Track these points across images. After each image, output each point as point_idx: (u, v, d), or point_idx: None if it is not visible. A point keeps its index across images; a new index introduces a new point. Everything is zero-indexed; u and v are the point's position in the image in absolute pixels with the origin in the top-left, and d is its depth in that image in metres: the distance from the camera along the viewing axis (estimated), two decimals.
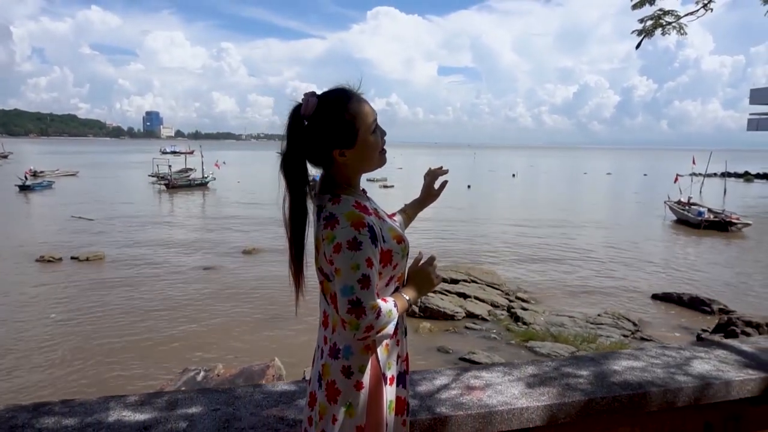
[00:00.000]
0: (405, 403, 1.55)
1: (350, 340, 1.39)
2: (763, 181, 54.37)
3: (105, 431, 1.73)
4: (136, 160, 76.32)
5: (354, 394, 1.40)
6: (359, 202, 1.43)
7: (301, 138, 1.40)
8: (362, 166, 1.46)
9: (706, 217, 22.39)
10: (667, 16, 4.81)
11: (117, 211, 25.61)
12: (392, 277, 1.46)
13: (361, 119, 1.38)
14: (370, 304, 1.31)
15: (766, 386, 2.28)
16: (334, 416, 1.40)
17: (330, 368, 1.43)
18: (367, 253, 1.31)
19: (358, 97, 1.41)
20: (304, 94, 1.40)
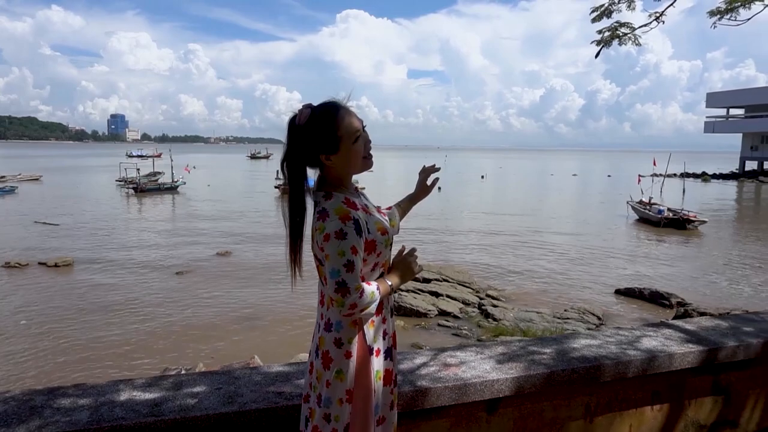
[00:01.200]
0: (392, 375, 1.78)
1: (339, 315, 1.62)
2: (720, 181, 56.66)
3: (119, 409, 1.90)
4: (102, 164, 74.49)
5: (344, 362, 1.63)
6: (348, 198, 1.66)
7: (296, 143, 1.64)
8: (347, 170, 1.68)
9: (665, 216, 23.34)
10: (623, 28, 5.19)
11: (84, 216, 25.10)
12: (377, 263, 1.69)
13: (344, 129, 1.60)
14: (354, 285, 1.54)
15: (704, 358, 2.59)
16: (327, 381, 1.64)
17: (325, 340, 1.66)
18: (351, 242, 1.54)
19: (345, 109, 1.63)
20: (302, 105, 1.65)
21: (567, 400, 2.41)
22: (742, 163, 59.82)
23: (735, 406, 2.77)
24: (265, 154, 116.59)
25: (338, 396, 1.63)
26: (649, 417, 2.59)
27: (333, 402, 1.63)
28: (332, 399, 1.64)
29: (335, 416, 1.63)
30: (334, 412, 1.63)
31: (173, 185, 36.57)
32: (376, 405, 1.67)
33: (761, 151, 56.24)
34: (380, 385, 1.70)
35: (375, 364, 1.68)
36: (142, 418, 1.85)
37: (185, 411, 1.90)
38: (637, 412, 2.56)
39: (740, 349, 2.66)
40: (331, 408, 1.63)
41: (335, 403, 1.63)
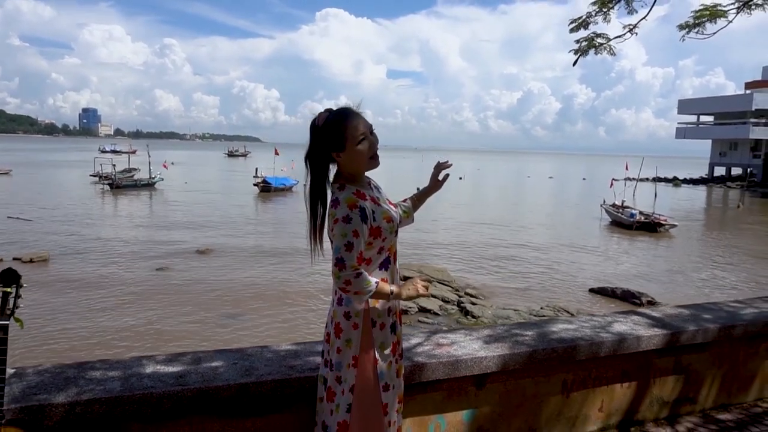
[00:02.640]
0: (397, 347, 2.02)
1: (354, 296, 1.86)
2: (690, 185, 58.37)
3: (147, 379, 2.10)
4: (74, 159, 72.90)
5: (352, 332, 1.90)
6: (359, 190, 1.90)
7: (314, 141, 1.90)
8: (355, 166, 1.90)
9: (637, 219, 24.07)
10: (599, 39, 5.53)
11: (58, 211, 24.67)
12: (382, 247, 1.92)
13: (350, 131, 1.84)
14: (350, 264, 1.78)
15: (667, 341, 2.90)
16: (338, 348, 1.92)
17: (337, 313, 1.94)
18: (354, 226, 1.79)
19: (353, 114, 1.88)
20: (324, 109, 1.92)
21: (546, 376, 2.68)
22: (711, 168, 61.68)
23: (694, 384, 3.08)
24: (243, 152, 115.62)
25: (347, 361, 1.89)
26: (618, 393, 2.88)
27: (343, 366, 1.90)
28: (342, 364, 1.90)
29: (344, 378, 1.90)
30: (344, 375, 1.90)
31: (151, 181, 36.09)
32: (381, 372, 1.92)
33: (729, 158, 58.08)
34: (385, 354, 1.94)
35: (379, 336, 1.93)
36: (169, 387, 2.05)
37: (207, 381, 2.11)
38: (609, 389, 2.85)
39: (699, 333, 2.97)
40: (342, 371, 1.91)
41: (345, 367, 1.90)
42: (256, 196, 33.42)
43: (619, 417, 2.91)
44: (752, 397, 3.28)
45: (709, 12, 5.18)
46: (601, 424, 2.85)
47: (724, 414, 3.10)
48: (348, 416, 1.89)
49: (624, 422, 2.91)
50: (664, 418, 3.01)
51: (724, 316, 3.21)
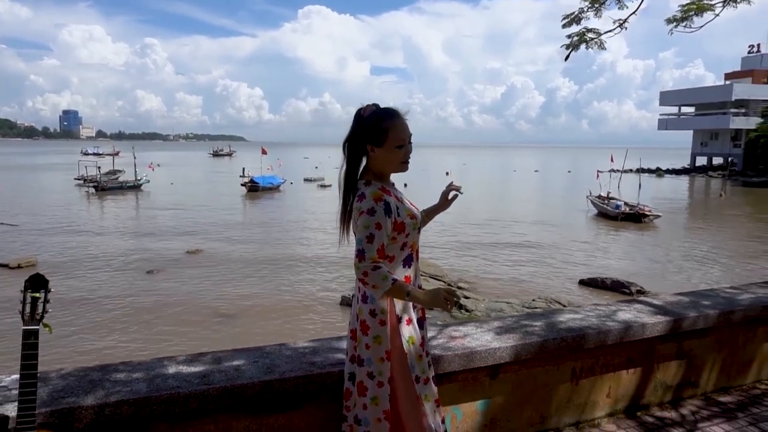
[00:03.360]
0: (423, 340, 2.06)
1: (371, 289, 1.88)
2: (673, 176, 59.23)
3: (171, 380, 2.13)
4: (56, 162, 71.80)
5: (379, 328, 1.93)
6: (384, 187, 1.95)
7: (355, 129, 1.95)
8: (386, 165, 1.96)
9: (622, 210, 24.40)
10: (590, 33, 5.62)
11: (44, 215, 24.33)
12: (405, 243, 1.95)
13: (393, 132, 1.90)
14: (369, 255, 1.82)
15: (670, 327, 2.99)
16: (367, 344, 1.95)
17: (362, 310, 1.96)
18: (377, 219, 1.83)
19: (400, 118, 1.93)
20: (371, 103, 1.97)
21: (556, 365, 2.76)
22: (693, 158, 62.65)
23: (696, 368, 3.18)
24: (228, 152, 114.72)
25: (378, 356, 1.93)
26: (625, 379, 2.97)
27: (374, 361, 1.93)
28: (373, 359, 1.93)
29: (378, 372, 1.93)
30: (376, 369, 1.93)
31: (137, 183, 35.72)
32: (412, 365, 1.96)
33: (710, 147, 59.04)
34: (414, 348, 1.98)
35: (405, 331, 1.97)
36: (195, 387, 2.08)
37: (232, 380, 2.14)
38: (615, 375, 2.94)
39: (700, 318, 3.07)
40: (373, 366, 1.94)
41: (376, 362, 1.93)
42: (244, 197, 33.25)
43: (626, 402, 2.99)
44: (751, 379, 3.39)
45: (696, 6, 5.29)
46: (608, 410, 2.94)
47: (724, 396, 3.21)
48: (388, 406, 1.93)
49: (630, 407, 3.00)
50: (668, 402, 3.11)
51: (723, 302, 3.32)
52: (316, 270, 14.88)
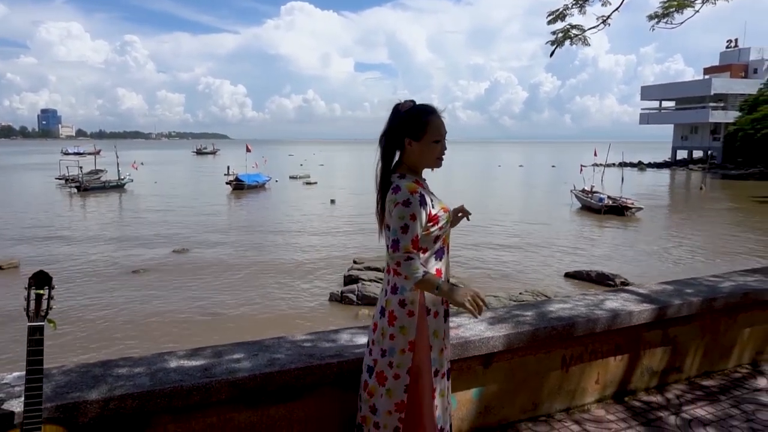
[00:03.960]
0: (445, 333, 2.06)
1: (403, 280, 1.90)
2: (654, 169, 60.12)
3: (174, 374, 2.16)
4: (36, 162, 70.59)
5: (407, 319, 1.94)
6: (418, 181, 1.98)
7: (392, 124, 1.97)
8: (421, 159, 1.98)
9: (605, 204, 24.75)
10: (574, 30, 5.72)
11: (25, 215, 23.96)
12: (438, 236, 1.97)
13: (431, 127, 1.94)
14: (403, 245, 1.84)
15: (656, 315, 3.09)
16: (391, 335, 1.96)
17: (390, 301, 1.97)
18: (412, 210, 1.86)
19: (437, 114, 1.97)
20: (408, 99, 2.01)
21: (547, 353, 2.84)
22: (674, 152, 63.65)
23: (680, 354, 3.29)
24: (212, 150, 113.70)
25: (401, 347, 1.94)
26: (612, 366, 3.07)
27: (396, 352, 1.95)
28: (395, 349, 1.95)
29: (398, 363, 1.95)
30: (397, 360, 1.95)
31: (120, 183, 35.27)
32: (433, 358, 2.00)
33: (690, 141, 60.04)
34: (437, 342, 2.01)
35: (432, 323, 1.98)
36: (197, 380, 2.12)
37: (233, 373, 2.18)
38: (604, 362, 3.03)
39: (684, 306, 3.17)
40: (395, 357, 1.95)
41: (398, 353, 1.95)
42: (230, 195, 33.05)
43: (614, 388, 3.09)
44: (732, 363, 3.51)
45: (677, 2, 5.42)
46: (597, 396, 3.03)
47: (707, 380, 3.33)
48: (405, 396, 1.95)
49: (618, 393, 3.10)
50: (654, 387, 3.21)
51: (705, 290, 3.43)
52: (305, 267, 14.88)
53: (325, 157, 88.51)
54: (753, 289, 3.47)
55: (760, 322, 3.56)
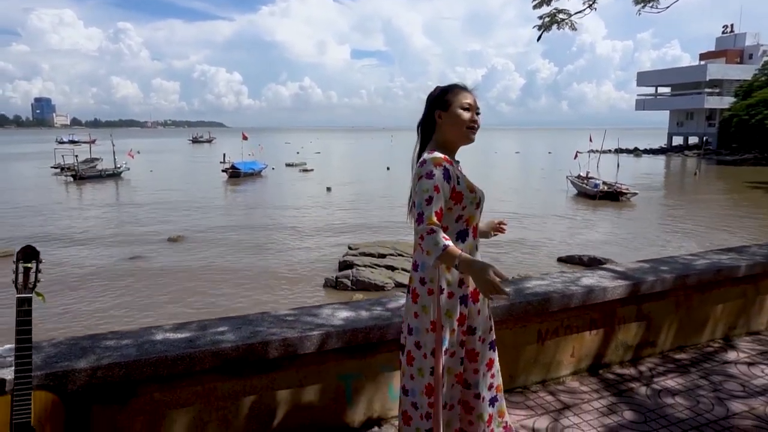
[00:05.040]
0: (464, 318, 1.99)
1: (424, 257, 1.85)
2: (650, 155, 60.21)
3: (159, 345, 2.26)
4: (30, 151, 70.22)
5: (427, 298, 1.94)
6: (447, 158, 1.95)
7: (426, 106, 2.04)
8: (452, 131, 1.98)
9: (600, 189, 24.87)
10: (560, 14, 5.77)
11: (21, 205, 23.93)
12: (461, 216, 1.96)
13: (459, 95, 1.98)
14: (427, 216, 1.81)
15: (630, 290, 3.20)
16: (415, 313, 1.97)
17: (413, 278, 1.99)
18: (436, 182, 1.85)
19: (462, 87, 2.02)
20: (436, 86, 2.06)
21: (524, 327, 2.95)
22: (670, 138, 63.67)
23: (654, 329, 3.40)
24: (208, 138, 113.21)
25: (425, 326, 1.94)
26: (587, 340, 3.17)
27: (421, 331, 1.95)
28: (420, 329, 1.95)
29: (424, 343, 1.95)
30: (422, 339, 1.95)
31: (116, 171, 35.20)
32: (444, 337, 1.94)
33: (686, 127, 60.04)
34: (450, 322, 1.95)
35: (446, 303, 1.94)
36: (181, 350, 2.21)
37: (217, 344, 2.28)
38: (579, 336, 3.14)
39: (657, 282, 3.28)
40: (420, 336, 1.96)
41: (423, 332, 1.95)
42: (225, 182, 33.04)
43: (589, 361, 3.20)
44: (705, 338, 3.63)
45: None
46: (572, 368, 3.14)
47: (680, 354, 3.44)
48: (432, 379, 1.95)
49: (593, 366, 3.21)
50: (628, 360, 3.33)
51: (680, 267, 3.54)
52: (299, 252, 14.98)
53: (322, 145, 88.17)
54: (725, 266, 3.57)
55: (732, 297, 3.67)
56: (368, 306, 2.79)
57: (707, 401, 2.85)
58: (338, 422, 2.57)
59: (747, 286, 3.73)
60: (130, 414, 2.17)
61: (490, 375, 2.09)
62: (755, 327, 3.84)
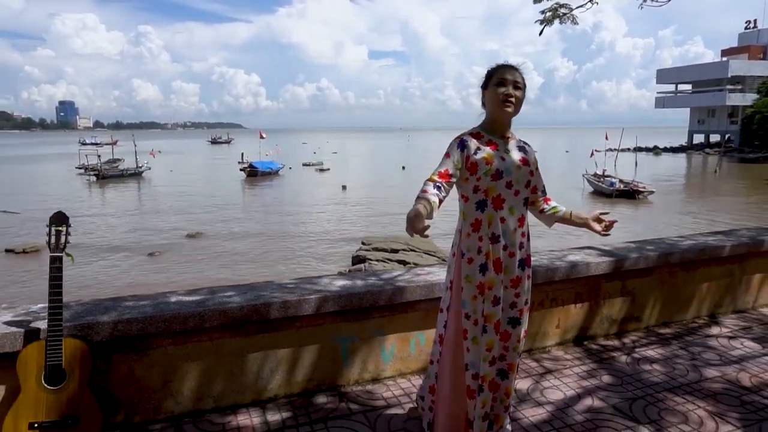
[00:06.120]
0: (484, 288, 2.09)
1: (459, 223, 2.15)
2: (670, 154, 59.38)
3: (173, 305, 2.52)
4: (56, 153, 72.03)
5: (451, 259, 2.19)
6: (479, 133, 2.14)
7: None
8: (491, 108, 2.13)
9: (617, 187, 24.75)
10: (562, 9, 5.93)
11: (47, 203, 24.69)
12: (477, 186, 2.08)
13: (497, 72, 2.11)
14: (433, 172, 2.03)
15: (614, 267, 3.38)
16: (450, 266, 2.22)
17: (453, 242, 2.22)
18: (449, 150, 2.09)
19: (507, 65, 2.13)
20: None
21: None
22: (691, 136, 62.69)
23: (639, 305, 3.58)
24: (227, 139, 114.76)
25: (446, 284, 2.22)
26: (573, 313, 3.37)
27: (443, 289, 2.26)
28: (444, 286, 2.26)
29: (443, 299, 2.23)
30: (443, 295, 2.24)
31: (138, 171, 36.06)
32: (464, 301, 2.10)
33: (707, 125, 59.08)
34: (470, 286, 2.09)
35: (466, 268, 2.10)
36: (192, 309, 2.47)
37: (224, 304, 2.54)
38: (564, 309, 3.33)
39: (641, 259, 3.45)
40: (442, 293, 2.27)
41: (444, 290, 2.24)
42: (243, 181, 33.59)
43: (575, 333, 3.39)
44: (690, 315, 3.79)
45: None
46: (558, 339, 3.34)
47: (664, 329, 3.61)
48: (444, 331, 2.19)
49: (579, 338, 3.40)
50: (613, 333, 3.51)
51: (665, 247, 3.70)
52: (314, 248, 15.29)
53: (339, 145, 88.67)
54: (709, 246, 3.73)
55: (718, 276, 3.82)
56: (364, 276, 3.02)
57: (683, 368, 3.03)
58: (335, 381, 2.81)
59: (733, 266, 3.87)
60: (147, 364, 2.43)
61: (503, 348, 2.19)
62: (742, 305, 3.98)
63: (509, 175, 2.09)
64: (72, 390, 2.15)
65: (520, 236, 2.15)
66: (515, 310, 2.18)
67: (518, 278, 2.15)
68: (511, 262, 2.12)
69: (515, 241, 2.13)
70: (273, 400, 2.67)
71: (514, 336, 2.20)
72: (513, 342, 2.21)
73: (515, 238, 2.12)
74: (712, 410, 2.57)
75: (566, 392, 2.75)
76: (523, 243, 2.18)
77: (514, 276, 2.14)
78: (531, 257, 2.25)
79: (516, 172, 2.10)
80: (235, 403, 2.61)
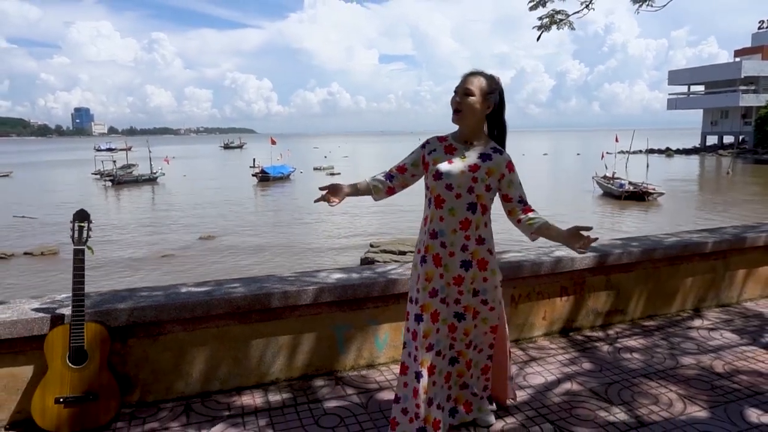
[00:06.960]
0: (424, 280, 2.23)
1: None
2: (683, 155, 58.90)
3: (183, 295, 2.76)
4: (71, 159, 73.32)
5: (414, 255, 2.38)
6: (445, 137, 2.32)
7: None
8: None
9: (626, 189, 24.72)
10: (558, 15, 6.12)
11: (63, 208, 25.28)
12: (426, 185, 2.30)
13: None
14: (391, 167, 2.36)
15: (598, 261, 3.56)
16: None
17: None
18: (414, 149, 2.36)
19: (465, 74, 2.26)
20: None
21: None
22: (704, 138, 62.14)
23: (623, 298, 3.75)
24: (239, 144, 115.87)
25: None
26: (559, 305, 3.56)
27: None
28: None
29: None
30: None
31: (152, 176, 36.68)
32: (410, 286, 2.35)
33: (721, 126, 58.53)
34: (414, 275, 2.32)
35: (414, 258, 2.36)
36: (201, 297, 2.72)
37: (230, 294, 2.78)
38: (550, 302, 3.52)
39: (624, 254, 3.63)
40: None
41: None
42: (255, 186, 34.03)
43: (561, 325, 3.58)
44: (675, 309, 3.95)
45: None
46: (544, 330, 3.53)
47: (649, 322, 3.78)
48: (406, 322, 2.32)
49: (564, 329, 3.59)
50: (598, 325, 3.69)
51: (649, 243, 3.88)
52: (323, 250, 15.54)
53: (350, 150, 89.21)
54: (692, 242, 3.90)
55: (701, 272, 3.98)
56: (359, 270, 3.25)
57: (661, 356, 3.20)
58: (332, 366, 3.03)
59: (716, 262, 4.03)
60: (159, 348, 2.68)
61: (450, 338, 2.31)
62: (725, 300, 4.14)
63: (449, 178, 2.19)
64: (93, 369, 2.40)
65: (463, 238, 2.22)
66: (459, 305, 2.29)
67: (460, 277, 2.24)
68: (450, 261, 2.23)
69: (455, 242, 2.22)
70: (275, 383, 2.90)
71: (460, 329, 2.33)
72: (459, 334, 2.34)
73: (455, 238, 2.21)
74: (682, 393, 2.75)
75: (547, 377, 2.95)
76: (468, 246, 2.24)
77: (456, 274, 2.23)
78: (486, 261, 2.30)
79: (458, 176, 2.19)
80: (240, 386, 2.84)
